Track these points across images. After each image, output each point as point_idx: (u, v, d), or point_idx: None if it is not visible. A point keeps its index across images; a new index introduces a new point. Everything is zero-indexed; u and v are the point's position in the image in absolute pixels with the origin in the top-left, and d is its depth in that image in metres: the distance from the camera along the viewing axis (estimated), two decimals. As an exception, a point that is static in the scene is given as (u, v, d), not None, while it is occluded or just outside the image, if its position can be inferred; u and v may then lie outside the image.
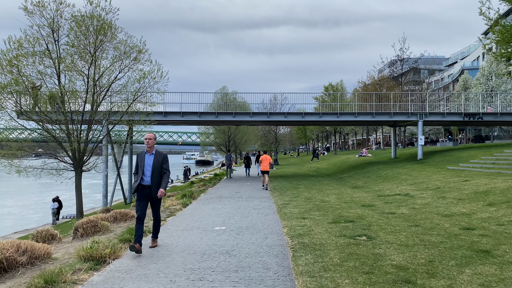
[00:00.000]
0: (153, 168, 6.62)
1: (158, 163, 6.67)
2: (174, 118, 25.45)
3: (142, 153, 6.77)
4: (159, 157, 6.71)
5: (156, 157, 6.72)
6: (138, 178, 6.65)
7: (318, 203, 12.35)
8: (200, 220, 9.71)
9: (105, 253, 6.20)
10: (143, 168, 6.63)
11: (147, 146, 6.72)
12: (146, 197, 6.65)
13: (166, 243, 7.28)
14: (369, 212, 10.10)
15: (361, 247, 6.50)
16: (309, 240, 7.12)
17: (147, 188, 6.63)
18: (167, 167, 6.79)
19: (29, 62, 16.33)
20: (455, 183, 13.76)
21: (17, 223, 26.21)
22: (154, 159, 6.68)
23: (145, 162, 6.67)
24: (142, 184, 6.62)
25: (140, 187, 6.62)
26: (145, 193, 6.63)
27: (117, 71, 17.52)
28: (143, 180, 6.64)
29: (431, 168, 19.75)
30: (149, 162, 6.67)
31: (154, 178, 6.60)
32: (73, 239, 10.07)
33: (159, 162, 6.69)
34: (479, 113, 25.91)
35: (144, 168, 6.63)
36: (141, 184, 6.63)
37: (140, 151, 6.81)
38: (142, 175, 6.63)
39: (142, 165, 6.64)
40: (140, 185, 6.62)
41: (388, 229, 7.81)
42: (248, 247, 6.75)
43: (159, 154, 6.76)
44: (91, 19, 16.39)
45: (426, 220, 8.62)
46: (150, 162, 6.66)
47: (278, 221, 9.29)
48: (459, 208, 9.71)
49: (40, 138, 17.58)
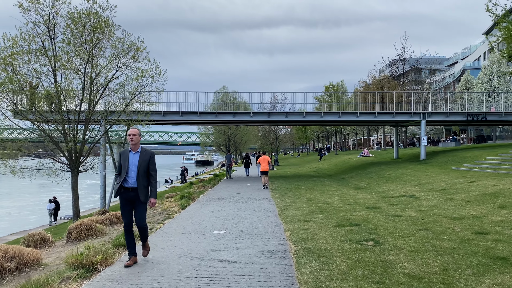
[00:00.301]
0: (138, 168, 5.89)
1: (144, 163, 5.94)
2: (173, 118, 25.07)
3: (125, 151, 6.02)
4: (146, 156, 5.98)
5: (142, 156, 5.98)
6: (120, 179, 5.91)
7: (320, 205, 11.96)
8: (199, 223, 9.33)
9: (96, 260, 5.82)
10: (127, 169, 5.90)
11: (131, 143, 5.97)
12: (131, 201, 5.94)
13: (162, 248, 6.90)
14: (374, 215, 9.72)
15: (369, 253, 6.11)
16: (313, 245, 6.74)
17: (131, 191, 5.89)
18: (154, 168, 6.08)
19: (24, 60, 15.95)
20: (462, 184, 13.37)
21: (14, 224, 25.81)
22: (139, 158, 5.95)
23: (130, 162, 5.94)
24: (125, 187, 5.90)
25: (122, 190, 5.91)
26: (128, 196, 5.91)
27: (114, 69, 17.15)
28: (127, 182, 5.90)
29: (435, 169, 19.35)
30: (134, 161, 5.94)
31: (140, 179, 5.88)
32: (66, 242, 9.68)
33: (146, 161, 5.96)
34: (482, 113, 25.51)
35: (128, 168, 5.90)
36: (124, 187, 5.91)
37: (123, 149, 6.11)
38: (126, 176, 5.90)
39: (126, 165, 5.91)
40: (122, 187, 5.91)
41: (396, 233, 7.43)
42: (249, 253, 6.37)
43: (146, 153, 6.03)
44: (88, 16, 16.00)
45: (435, 224, 8.23)
46: (135, 161, 5.94)
47: (279, 224, 8.91)
48: (469, 211, 9.32)
49: (35, 138, 17.19)
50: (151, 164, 6.03)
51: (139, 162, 5.91)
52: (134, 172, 5.89)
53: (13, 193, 43.44)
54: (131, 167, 5.91)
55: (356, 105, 27.74)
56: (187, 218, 10.17)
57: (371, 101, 26.93)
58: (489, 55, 48.06)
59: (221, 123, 36.88)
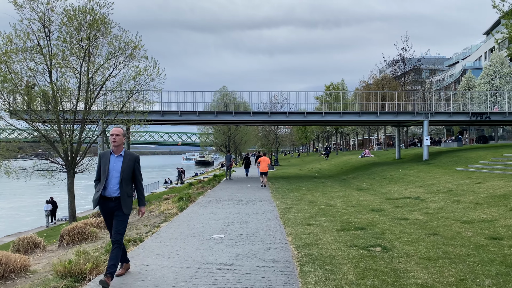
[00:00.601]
0: (121, 174, 5.03)
1: (128, 168, 5.09)
2: (172, 118, 24.68)
3: (106, 153, 5.15)
4: (130, 160, 5.13)
5: (126, 160, 5.11)
6: (100, 187, 5.02)
7: (323, 207, 11.57)
8: (197, 226, 8.94)
9: (85, 268, 5.43)
10: (108, 174, 5.03)
11: (113, 145, 5.08)
12: (110, 214, 5.09)
13: (157, 254, 6.51)
14: (379, 218, 9.33)
15: (377, 260, 5.72)
16: (317, 251, 6.35)
17: (112, 201, 5.02)
18: (140, 173, 5.26)
19: (19, 58, 15.56)
20: (468, 186, 12.99)
21: (11, 225, 25.43)
22: (123, 162, 5.09)
23: (110, 166, 5.06)
24: (105, 196, 5.00)
25: (102, 200, 5.03)
26: (108, 208, 5.03)
27: (111, 68, 16.74)
28: (107, 191, 5.01)
29: (439, 169, 18.97)
30: (116, 166, 5.07)
31: (123, 187, 5.01)
32: (59, 247, 9.29)
33: (130, 166, 5.11)
34: (486, 113, 25.13)
35: (108, 174, 5.04)
36: (104, 196, 5.01)
37: (104, 151, 5.21)
38: (105, 183, 5.01)
39: (107, 170, 5.04)
40: (102, 197, 5.01)
41: (404, 238, 7.04)
42: (249, 260, 5.98)
43: (130, 156, 5.16)
44: (84, 14, 15.61)
45: (445, 228, 7.84)
46: (117, 166, 5.07)
47: (281, 227, 8.52)
48: (479, 214, 8.93)
49: (30, 138, 16.80)
50: (137, 170, 5.24)
51: (122, 168, 5.07)
52: (116, 179, 5.03)
53: (10, 194, 43.03)
54: (112, 173, 5.06)
55: (357, 105, 27.34)
56: (185, 221, 9.78)
57: (373, 101, 26.55)
58: (491, 54, 47.69)
59: (221, 123, 36.50)
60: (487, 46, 59.43)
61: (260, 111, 27.14)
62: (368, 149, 48.06)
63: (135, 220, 11.71)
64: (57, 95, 15.98)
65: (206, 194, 16.49)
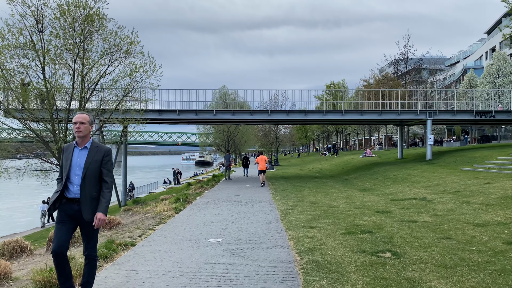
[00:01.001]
0: (85, 171, 4.07)
1: (94, 163, 4.12)
2: (170, 117, 24.18)
3: (69, 146, 4.21)
4: (97, 154, 4.15)
5: (92, 153, 4.14)
6: (60, 186, 4.12)
7: (326, 208, 11.07)
8: (193, 229, 8.43)
9: (67, 277, 4.92)
10: (69, 171, 4.10)
11: (77, 135, 4.11)
12: (73, 219, 4.10)
13: (149, 260, 6.01)
14: (386, 220, 8.83)
15: (388, 268, 5.23)
16: (321, 257, 5.86)
17: (75, 203, 4.08)
18: (110, 172, 4.21)
19: (11, 54, 15.05)
20: (476, 186, 12.49)
21: (6, 226, 24.91)
22: (88, 156, 4.12)
23: (73, 161, 4.10)
24: (67, 197, 4.11)
25: (64, 201, 4.11)
26: (70, 211, 4.08)
27: (106, 64, 16.24)
28: (68, 191, 4.10)
29: (443, 169, 18.47)
30: (80, 161, 4.10)
31: (86, 187, 4.06)
32: (47, 251, 8.81)
33: (97, 161, 4.13)
34: (491, 111, 24.63)
35: (70, 170, 4.09)
36: (65, 197, 4.12)
37: (67, 144, 4.27)
38: (67, 181, 4.11)
39: (68, 166, 4.09)
40: (61, 197, 4.11)
41: (415, 243, 6.54)
42: (248, 267, 5.48)
43: (98, 149, 4.18)
44: (78, 8, 15.11)
45: (457, 231, 7.34)
46: (81, 161, 4.10)
47: (282, 230, 8.02)
48: (491, 216, 8.43)
49: (22, 137, 16.30)
50: (105, 165, 4.17)
51: (86, 162, 4.09)
52: (78, 177, 4.07)
53: (8, 195, 42.52)
54: (73, 169, 4.09)
55: (359, 104, 26.83)
56: (181, 223, 9.28)
57: (375, 100, 26.05)
58: (494, 53, 47.25)
59: (220, 122, 36.01)
60: (488, 45, 58.99)
61: (260, 109, 26.63)
62: (370, 148, 47.56)
63: (129, 222, 11.22)
64: (51, 93, 15.48)
65: (204, 195, 15.99)
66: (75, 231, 4.23)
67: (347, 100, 33.70)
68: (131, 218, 12.34)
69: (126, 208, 16.20)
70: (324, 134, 70.06)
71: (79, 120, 4.10)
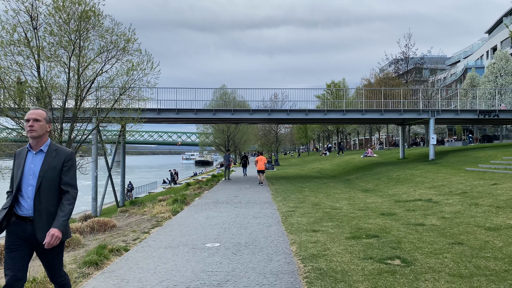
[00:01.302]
0: (40, 180, 3.24)
1: (52, 171, 3.28)
2: (168, 116, 23.79)
3: (22, 151, 3.39)
4: (56, 159, 3.32)
5: (50, 158, 3.31)
6: (9, 200, 3.27)
7: (328, 210, 10.69)
8: (190, 233, 8.05)
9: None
10: (20, 181, 3.25)
11: (30, 136, 3.28)
12: (27, 242, 3.24)
13: (142, 268, 5.63)
14: (392, 223, 8.45)
15: (399, 277, 4.84)
16: (326, 264, 5.48)
17: (28, 223, 3.22)
18: (71, 180, 3.36)
19: (5, 51, 14.67)
20: (483, 187, 12.10)
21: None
22: (44, 161, 3.29)
23: (25, 169, 3.27)
24: (18, 215, 3.26)
25: (14, 219, 3.27)
26: (22, 233, 3.23)
27: (103, 62, 15.85)
28: (20, 206, 3.24)
29: (447, 170, 18.09)
30: (34, 168, 3.28)
31: (42, 201, 3.22)
32: (37, 256, 8.43)
33: (55, 168, 3.30)
34: (495, 110, 24.24)
35: (22, 180, 3.25)
36: (15, 214, 3.26)
37: (20, 149, 3.43)
38: (18, 194, 3.25)
39: (20, 175, 3.26)
40: (14, 214, 3.26)
41: (425, 249, 6.16)
42: (248, 276, 5.10)
43: (57, 153, 3.35)
44: (73, 4, 14.73)
45: (469, 236, 6.95)
46: (35, 168, 3.28)
47: (283, 234, 7.64)
48: (503, 219, 8.04)
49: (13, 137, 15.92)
50: (67, 173, 3.33)
51: (42, 170, 3.26)
52: (32, 188, 3.23)
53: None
54: (26, 179, 3.26)
55: (360, 103, 26.44)
56: (178, 226, 8.89)
57: (376, 99, 25.66)
58: (495, 52, 46.88)
59: (219, 121, 35.61)
60: (489, 44, 58.62)
61: (260, 109, 26.24)
62: (371, 148, 47.18)
63: (125, 224, 10.84)
64: (46, 91, 15.10)
65: (203, 196, 15.61)
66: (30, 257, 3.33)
67: (348, 99, 33.31)
68: (127, 220, 11.95)
69: (123, 209, 15.82)
70: (325, 133, 69.66)
71: (32, 117, 3.29)
